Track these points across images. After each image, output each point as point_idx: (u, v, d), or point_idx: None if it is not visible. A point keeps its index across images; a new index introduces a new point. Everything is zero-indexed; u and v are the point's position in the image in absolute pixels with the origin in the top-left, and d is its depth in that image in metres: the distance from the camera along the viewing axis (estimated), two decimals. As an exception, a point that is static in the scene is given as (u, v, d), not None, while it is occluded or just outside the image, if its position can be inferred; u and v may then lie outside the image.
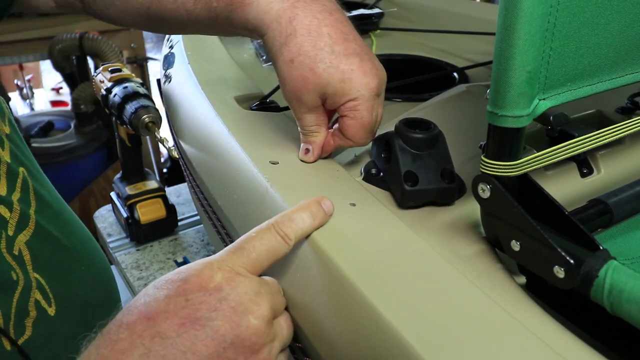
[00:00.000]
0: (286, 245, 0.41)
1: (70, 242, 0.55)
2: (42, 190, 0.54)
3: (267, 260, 0.41)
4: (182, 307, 0.36)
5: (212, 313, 0.36)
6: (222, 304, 0.37)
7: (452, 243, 0.44)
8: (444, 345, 0.35)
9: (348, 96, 0.48)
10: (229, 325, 0.36)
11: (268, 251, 0.40)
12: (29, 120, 1.83)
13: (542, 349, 0.34)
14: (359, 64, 0.48)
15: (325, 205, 0.44)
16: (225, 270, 0.38)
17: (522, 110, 0.36)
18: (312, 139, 0.52)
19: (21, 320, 0.47)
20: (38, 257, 0.49)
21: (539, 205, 0.40)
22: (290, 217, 0.42)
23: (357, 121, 0.49)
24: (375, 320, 0.37)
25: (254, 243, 0.40)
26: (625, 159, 0.57)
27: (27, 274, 0.48)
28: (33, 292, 0.48)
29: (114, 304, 0.60)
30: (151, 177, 1.12)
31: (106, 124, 1.76)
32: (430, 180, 0.47)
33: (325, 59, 0.48)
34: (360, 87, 0.48)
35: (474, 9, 1.08)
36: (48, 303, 0.49)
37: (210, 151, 0.61)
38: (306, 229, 0.42)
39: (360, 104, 0.49)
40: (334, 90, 0.48)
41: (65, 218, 0.57)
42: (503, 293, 0.39)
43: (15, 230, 0.48)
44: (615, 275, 0.34)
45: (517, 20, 0.34)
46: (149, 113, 0.89)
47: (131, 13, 0.58)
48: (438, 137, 0.49)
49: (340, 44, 0.48)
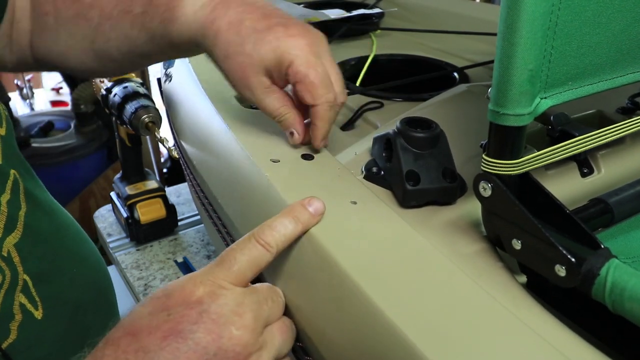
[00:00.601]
0: (268, 253, 0.41)
1: (63, 244, 0.55)
2: (35, 191, 0.54)
3: (250, 271, 0.41)
4: (164, 321, 0.37)
5: (193, 326, 0.37)
6: (203, 317, 0.37)
7: (453, 242, 0.44)
8: (446, 343, 0.35)
9: (284, 63, 0.49)
10: (210, 337, 0.37)
11: (249, 261, 0.41)
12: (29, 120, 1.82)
13: (544, 347, 0.34)
14: (283, 31, 0.49)
15: (312, 206, 0.44)
16: (207, 284, 0.39)
17: (524, 108, 0.36)
18: (288, 121, 0.52)
19: (6, 323, 0.46)
20: (27, 259, 0.49)
21: (540, 203, 0.40)
22: (271, 225, 0.42)
23: (304, 82, 0.49)
24: (377, 318, 0.37)
25: (235, 255, 0.41)
26: (626, 159, 0.57)
27: (16, 276, 0.47)
28: (17, 295, 0.47)
29: (109, 306, 0.60)
30: (151, 177, 1.12)
31: (106, 124, 1.76)
32: (432, 180, 0.47)
33: (251, 39, 0.49)
34: (291, 49, 0.49)
35: (474, 9, 1.08)
36: (34, 306, 0.49)
37: (211, 150, 0.61)
38: (289, 234, 0.43)
39: (298, 64, 0.49)
40: (270, 62, 0.49)
41: (58, 220, 0.57)
42: (504, 291, 0.39)
43: (3, 232, 0.48)
44: (617, 274, 0.34)
45: (519, 19, 0.34)
46: (149, 113, 0.89)
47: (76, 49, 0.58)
48: (439, 136, 0.49)
49: (261, 21, 0.50)
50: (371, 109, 0.72)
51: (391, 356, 0.36)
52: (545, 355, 0.34)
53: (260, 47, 0.49)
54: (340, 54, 0.89)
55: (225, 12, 0.50)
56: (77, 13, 0.57)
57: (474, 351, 0.34)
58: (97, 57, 0.59)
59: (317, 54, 0.50)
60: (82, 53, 0.59)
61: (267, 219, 0.49)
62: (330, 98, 0.50)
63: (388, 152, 0.50)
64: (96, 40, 0.57)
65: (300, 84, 0.49)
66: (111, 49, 0.57)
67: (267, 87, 0.51)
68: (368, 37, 1.00)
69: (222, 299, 0.38)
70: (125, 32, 0.55)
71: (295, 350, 0.47)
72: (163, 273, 1.00)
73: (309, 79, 0.49)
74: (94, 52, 0.58)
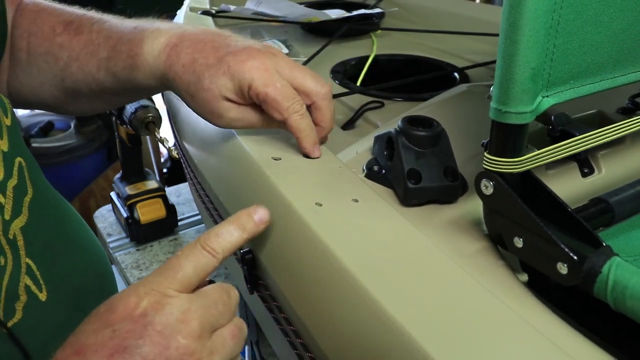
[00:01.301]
0: (214, 259, 0.41)
1: (65, 231, 0.56)
2: (39, 180, 0.54)
3: (196, 276, 0.41)
4: (109, 338, 0.37)
5: (139, 340, 0.37)
6: (148, 330, 0.37)
7: (454, 240, 0.44)
8: (448, 340, 0.35)
9: (244, 87, 0.50)
10: (157, 350, 0.37)
11: (195, 267, 0.40)
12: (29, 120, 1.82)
13: (546, 345, 0.34)
14: (233, 59, 0.51)
15: (258, 215, 0.44)
16: (151, 294, 0.38)
17: (526, 106, 0.37)
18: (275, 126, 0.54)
19: (11, 303, 0.47)
20: (31, 243, 0.49)
21: (541, 202, 0.40)
22: (217, 232, 0.42)
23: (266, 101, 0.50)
24: (379, 315, 0.37)
25: (179, 261, 0.41)
26: (626, 159, 0.57)
27: (18, 258, 0.48)
28: (22, 277, 0.48)
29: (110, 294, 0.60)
30: (151, 177, 1.12)
31: (106, 124, 1.75)
32: (433, 178, 0.47)
33: (206, 75, 0.51)
34: (245, 73, 0.50)
35: (474, 10, 1.08)
36: (39, 288, 0.49)
37: (213, 148, 0.61)
38: (234, 241, 0.43)
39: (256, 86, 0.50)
40: (231, 90, 0.51)
41: (61, 207, 0.58)
42: (506, 290, 0.39)
43: (11, 215, 0.48)
44: (619, 272, 0.34)
45: (522, 17, 0.34)
46: (149, 113, 0.89)
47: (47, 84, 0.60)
48: (441, 135, 0.49)
49: (211, 56, 0.52)
50: (372, 108, 0.72)
51: (393, 353, 0.36)
52: (547, 353, 0.34)
53: (217, 80, 0.51)
54: (341, 54, 0.89)
55: (178, 56, 0.53)
56: (47, 51, 0.59)
57: (476, 348, 0.34)
58: (68, 94, 0.61)
59: (271, 70, 0.51)
60: (54, 89, 0.60)
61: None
62: (297, 107, 0.51)
63: (389, 151, 0.50)
64: (65, 79, 0.59)
65: (265, 104, 0.51)
66: (81, 87, 0.59)
67: (233, 109, 0.52)
68: (368, 37, 1.00)
69: (167, 308, 0.38)
70: (92, 74, 0.57)
71: (296, 346, 0.47)
72: (163, 273, 0.99)
73: (270, 97, 0.50)
74: (64, 89, 0.60)
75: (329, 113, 0.54)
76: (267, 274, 0.50)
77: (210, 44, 0.53)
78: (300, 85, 0.52)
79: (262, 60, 0.51)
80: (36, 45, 0.59)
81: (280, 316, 0.50)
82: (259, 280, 0.53)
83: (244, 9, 1.03)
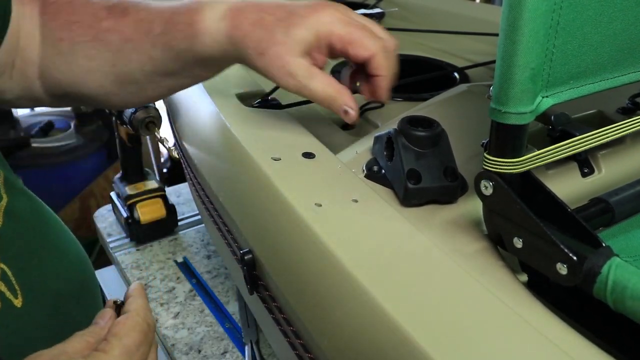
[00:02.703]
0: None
1: (43, 236, 0.55)
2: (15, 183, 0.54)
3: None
4: None
5: None
6: None
7: (454, 240, 0.44)
8: (447, 340, 0.35)
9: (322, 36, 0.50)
10: None
11: None
12: (28, 120, 1.82)
13: (545, 345, 0.34)
14: (306, 10, 0.51)
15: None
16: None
17: (525, 107, 0.37)
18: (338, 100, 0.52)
19: None
20: (7, 249, 0.49)
21: (541, 202, 0.40)
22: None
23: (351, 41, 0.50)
24: (378, 316, 0.37)
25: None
26: (626, 159, 0.57)
27: None
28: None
29: (92, 297, 0.60)
30: (151, 177, 1.12)
31: (106, 124, 1.76)
32: (433, 179, 0.47)
33: (279, 29, 0.50)
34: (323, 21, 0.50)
35: (474, 9, 1.08)
36: (14, 294, 0.49)
37: (212, 148, 0.61)
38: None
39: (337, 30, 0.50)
40: (307, 42, 0.50)
41: (39, 211, 0.57)
42: (505, 290, 0.39)
43: None
44: (619, 272, 0.34)
45: (522, 17, 0.34)
46: (149, 113, 0.89)
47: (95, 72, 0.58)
48: (441, 135, 0.49)
49: (280, 11, 0.51)
50: (372, 108, 0.72)
51: (393, 353, 0.36)
52: (547, 353, 0.34)
53: (292, 32, 0.50)
54: (341, 54, 0.89)
55: (244, 16, 0.52)
56: (95, 37, 0.57)
57: (476, 348, 0.34)
58: (117, 80, 0.59)
59: (347, 15, 0.51)
60: (101, 76, 0.58)
61: (268, 218, 0.49)
62: (381, 44, 0.51)
63: (389, 151, 0.50)
64: (117, 63, 0.57)
65: (349, 45, 0.50)
66: (134, 71, 0.57)
67: (308, 69, 0.51)
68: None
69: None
70: (148, 53, 0.56)
71: (296, 346, 0.47)
72: (163, 273, 1.00)
73: (354, 36, 0.50)
74: (115, 75, 0.58)
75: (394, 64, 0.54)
76: (266, 275, 0.50)
77: (274, 3, 0.53)
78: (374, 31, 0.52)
79: (334, 9, 0.51)
80: (80, 34, 0.57)
81: (280, 316, 0.50)
82: (258, 281, 0.53)
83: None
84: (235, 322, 0.87)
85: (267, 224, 0.50)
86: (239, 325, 0.86)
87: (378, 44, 0.51)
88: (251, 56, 0.52)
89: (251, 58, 0.52)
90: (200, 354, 0.82)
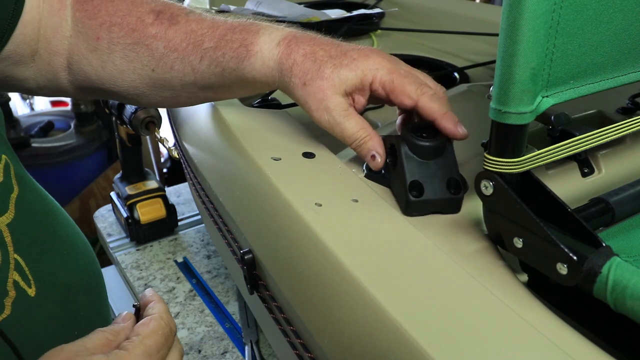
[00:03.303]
0: None
1: (52, 227, 0.55)
2: (24, 176, 0.54)
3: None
4: None
5: None
6: None
7: (454, 240, 0.44)
8: (448, 340, 0.35)
9: (366, 81, 0.51)
10: None
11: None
12: (29, 120, 1.82)
13: (546, 345, 0.34)
14: (358, 53, 0.52)
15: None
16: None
17: (526, 107, 0.37)
18: (368, 144, 0.51)
19: (0, 299, 0.47)
20: (19, 240, 0.49)
21: (541, 202, 0.40)
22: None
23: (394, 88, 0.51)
24: (379, 315, 0.37)
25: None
26: (626, 159, 0.57)
27: (7, 255, 0.48)
28: (11, 273, 0.48)
29: (99, 290, 0.61)
30: (151, 177, 1.12)
31: (106, 124, 1.76)
32: (436, 191, 0.46)
33: (328, 65, 0.51)
34: (371, 67, 0.51)
35: (474, 9, 1.08)
36: (27, 284, 0.49)
37: (213, 148, 0.61)
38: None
39: (381, 76, 0.51)
40: (351, 83, 0.51)
41: (47, 204, 0.57)
42: (505, 290, 0.39)
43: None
44: (619, 272, 0.34)
45: (522, 17, 0.34)
46: (149, 113, 0.89)
47: (131, 72, 0.58)
48: (445, 145, 0.48)
49: (334, 49, 0.53)
50: (371, 108, 0.72)
51: (393, 353, 0.36)
52: (548, 353, 0.34)
53: (339, 70, 0.51)
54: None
55: (299, 46, 0.53)
56: (138, 42, 0.57)
57: (476, 348, 0.34)
58: (153, 84, 0.59)
59: (395, 64, 0.52)
60: (137, 78, 0.58)
61: (268, 218, 0.49)
62: (425, 89, 0.51)
63: (392, 158, 0.50)
64: (157, 68, 0.57)
65: (392, 92, 0.51)
66: (173, 79, 0.57)
67: (346, 110, 0.51)
68: (368, 37, 1.00)
69: None
70: (192, 65, 0.56)
71: (296, 346, 0.47)
72: (163, 273, 0.99)
73: (397, 82, 0.51)
74: (152, 79, 0.58)
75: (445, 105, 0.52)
76: (267, 275, 0.50)
77: (331, 41, 0.54)
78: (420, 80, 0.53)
79: (383, 57, 0.52)
80: (122, 36, 0.57)
81: (280, 316, 0.50)
82: (259, 281, 0.53)
83: (244, 9, 1.03)
84: (235, 322, 0.87)
85: (267, 224, 0.50)
86: (239, 325, 0.86)
87: (421, 91, 0.51)
88: (294, 84, 0.53)
89: (294, 86, 0.53)
90: (200, 354, 0.82)
